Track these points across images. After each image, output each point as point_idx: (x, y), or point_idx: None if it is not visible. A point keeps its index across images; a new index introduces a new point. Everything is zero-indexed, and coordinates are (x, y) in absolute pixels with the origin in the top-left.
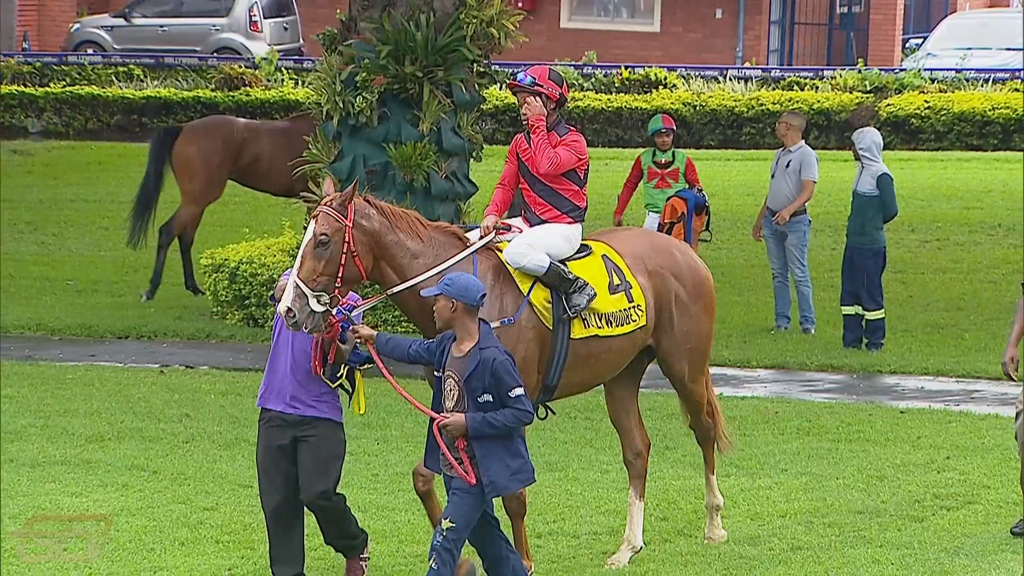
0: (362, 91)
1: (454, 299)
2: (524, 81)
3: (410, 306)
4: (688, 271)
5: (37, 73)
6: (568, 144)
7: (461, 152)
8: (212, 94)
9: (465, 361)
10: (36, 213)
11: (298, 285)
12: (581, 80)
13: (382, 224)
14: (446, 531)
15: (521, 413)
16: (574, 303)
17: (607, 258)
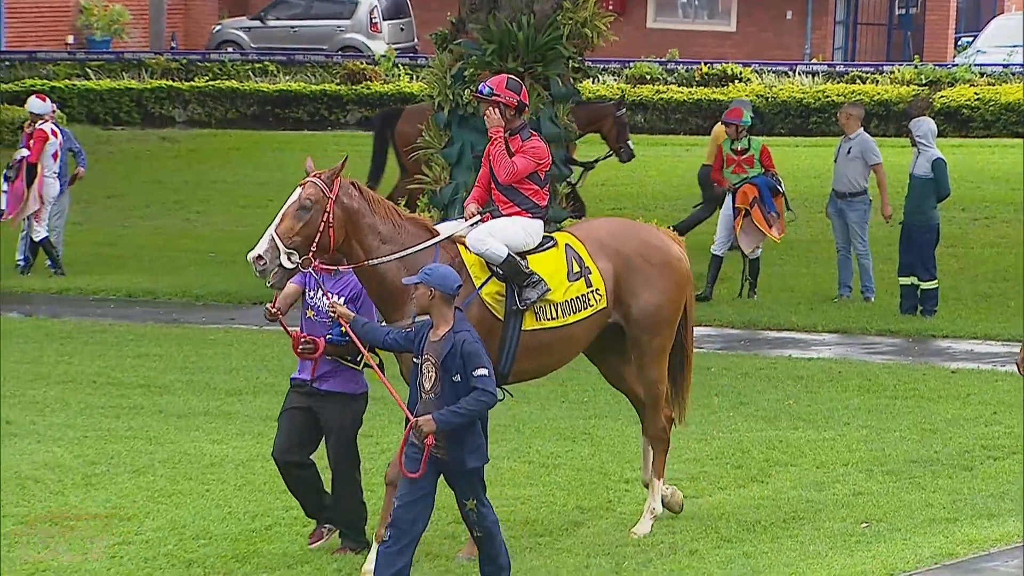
0: (470, 85)
1: (432, 288)
2: (483, 91)
3: (372, 285)
4: (653, 250)
5: (183, 69)
6: (526, 151)
7: (558, 139)
8: (337, 88)
9: (440, 344)
10: (182, 193)
11: (273, 239)
12: (665, 75)
13: (361, 205)
14: (474, 508)
15: (484, 394)
16: (525, 296)
17: (569, 247)
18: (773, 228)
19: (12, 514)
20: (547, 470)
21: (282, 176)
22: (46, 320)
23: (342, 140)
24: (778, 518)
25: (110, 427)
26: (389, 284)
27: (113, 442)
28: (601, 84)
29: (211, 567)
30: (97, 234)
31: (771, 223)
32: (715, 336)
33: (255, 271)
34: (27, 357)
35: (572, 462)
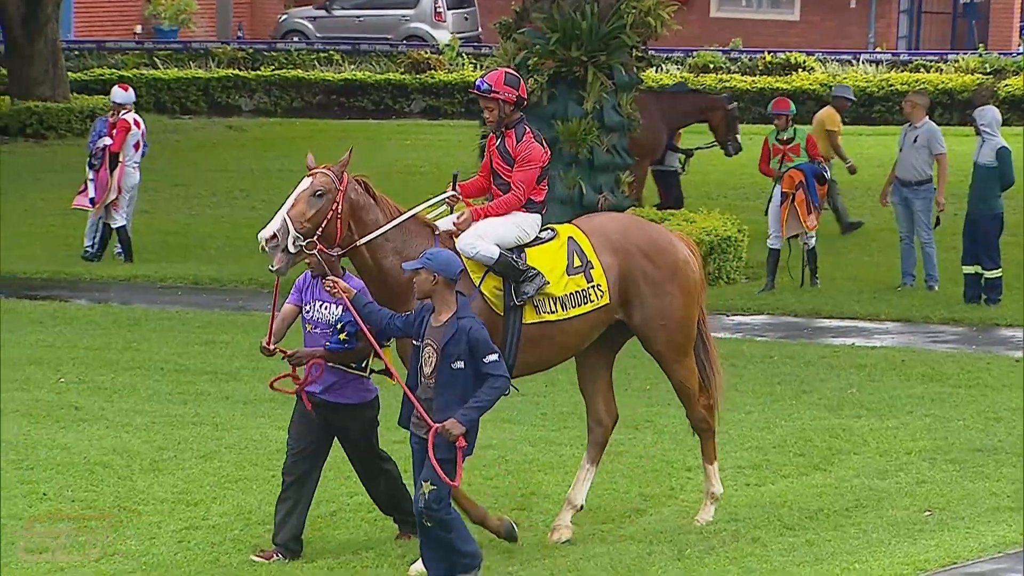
0: (533, 73)
1: (435, 272)
2: (482, 87)
3: (370, 271)
4: (660, 251)
5: (250, 58)
6: (521, 163)
7: (621, 128)
8: (401, 77)
9: (443, 329)
10: (248, 181)
11: (286, 220)
12: (728, 63)
13: (366, 202)
14: (428, 494)
15: (497, 380)
16: (523, 291)
17: (572, 240)
18: (811, 216)
19: (81, 499)
20: (609, 457)
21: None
22: (115, 307)
23: (406, 129)
24: (841, 506)
25: (177, 413)
26: (392, 283)
27: (180, 428)
28: (664, 73)
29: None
30: (164, 222)
31: (810, 210)
32: (777, 324)
33: (265, 250)
34: (96, 344)
35: (634, 449)
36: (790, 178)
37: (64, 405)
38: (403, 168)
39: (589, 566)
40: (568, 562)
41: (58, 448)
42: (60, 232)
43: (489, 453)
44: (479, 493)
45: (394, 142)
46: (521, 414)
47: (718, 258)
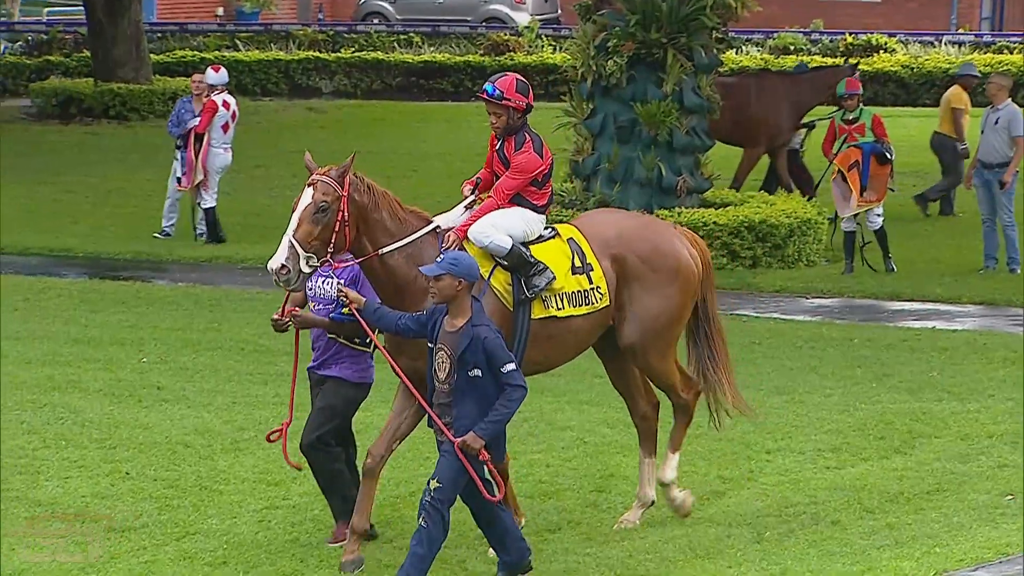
0: (613, 56)
1: (460, 278)
2: (493, 93)
3: (380, 281)
4: (660, 256)
5: (330, 40)
6: (514, 168)
7: (700, 110)
8: (481, 59)
9: (458, 336)
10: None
11: (293, 244)
12: (809, 45)
13: (370, 200)
14: (434, 491)
15: (516, 390)
16: (533, 284)
17: (573, 241)
18: (866, 195)
19: (163, 478)
20: (688, 440)
21: (426, 147)
22: (196, 288)
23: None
24: (921, 489)
25: (258, 393)
26: (398, 279)
27: (261, 408)
28: (744, 55)
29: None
30: (244, 204)
31: (863, 190)
32: (857, 307)
33: (277, 281)
34: (178, 324)
35: (713, 432)
36: (845, 156)
37: (146, 385)
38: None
39: (667, 548)
40: (647, 544)
41: (140, 427)
42: (143, 213)
43: (567, 435)
44: (558, 474)
45: (473, 124)
46: (600, 396)
47: (798, 240)
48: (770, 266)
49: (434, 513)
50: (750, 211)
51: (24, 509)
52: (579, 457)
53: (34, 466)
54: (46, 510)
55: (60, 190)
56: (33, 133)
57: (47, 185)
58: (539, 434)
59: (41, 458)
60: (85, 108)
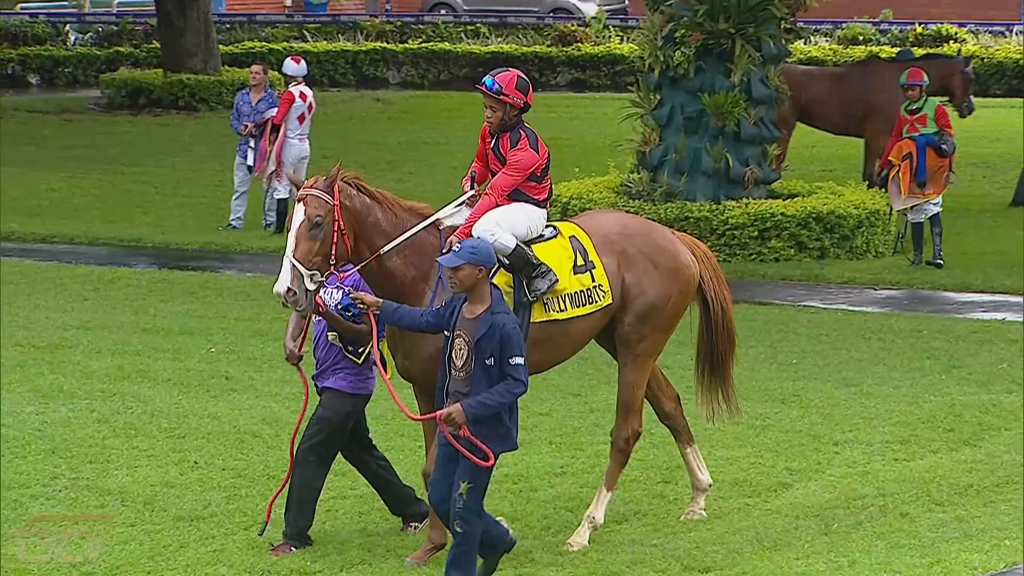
0: (680, 46)
1: (481, 266)
2: (492, 87)
3: (378, 283)
4: (661, 253)
5: (397, 31)
6: (507, 169)
7: (768, 101)
8: (548, 49)
9: (477, 323)
10: (395, 154)
11: (295, 265)
12: (878, 35)
13: (363, 205)
14: (464, 494)
15: (516, 384)
16: (535, 287)
17: (575, 239)
18: (928, 186)
19: (231, 467)
20: (756, 431)
21: None
22: (264, 278)
23: (553, 101)
24: (991, 482)
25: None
26: (397, 281)
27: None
28: (813, 45)
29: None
30: None
31: (913, 182)
32: (926, 299)
33: (285, 304)
34: (246, 314)
35: (781, 424)
36: (898, 148)
37: (215, 375)
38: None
39: (735, 539)
40: (713, 535)
41: (209, 417)
42: (211, 203)
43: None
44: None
45: (540, 115)
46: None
47: (866, 231)
48: (838, 257)
49: (469, 515)
50: (818, 202)
51: (94, 498)
52: (645, 448)
53: (104, 455)
54: (116, 499)
55: (129, 180)
56: (103, 124)
57: (117, 176)
58: (605, 425)
59: (111, 447)
60: (154, 99)
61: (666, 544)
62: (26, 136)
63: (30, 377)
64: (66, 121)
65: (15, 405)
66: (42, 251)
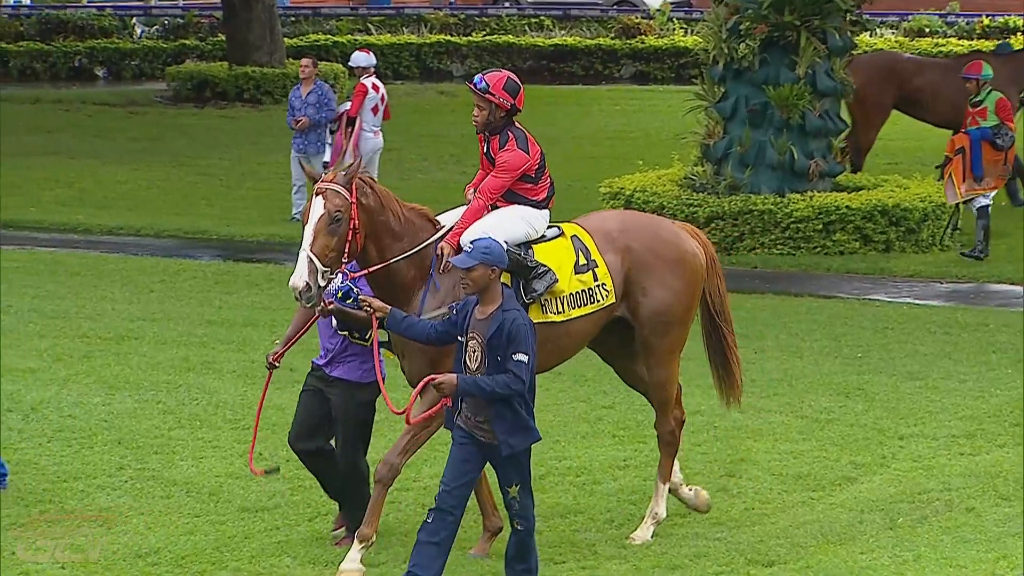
0: (745, 38)
1: (493, 266)
2: (479, 85)
3: (381, 284)
4: (664, 245)
5: (461, 24)
6: (497, 168)
7: (834, 93)
8: (611, 42)
9: (488, 323)
10: (458, 147)
11: (312, 260)
12: (944, 27)
13: (376, 203)
14: (516, 496)
15: (516, 381)
16: (532, 289)
17: (576, 238)
18: (966, 183)
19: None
20: (820, 425)
21: (556, 131)
22: None
23: (616, 94)
24: None
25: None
26: (398, 283)
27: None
28: (878, 37)
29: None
30: None
31: (966, 177)
32: (992, 293)
33: (300, 299)
34: None
35: (845, 417)
36: (952, 143)
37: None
38: (612, 134)
39: (799, 533)
40: (777, 529)
41: (273, 408)
42: (276, 195)
43: (698, 419)
44: (688, 459)
45: (603, 108)
46: None
47: (932, 225)
48: (903, 250)
49: (524, 512)
50: (883, 195)
51: (160, 488)
52: (709, 442)
53: (169, 446)
54: (181, 489)
55: (195, 173)
56: (169, 116)
57: (182, 168)
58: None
59: (176, 438)
60: (219, 92)
61: (729, 538)
62: (93, 129)
63: (96, 368)
64: (132, 114)
65: (82, 396)
66: (109, 243)
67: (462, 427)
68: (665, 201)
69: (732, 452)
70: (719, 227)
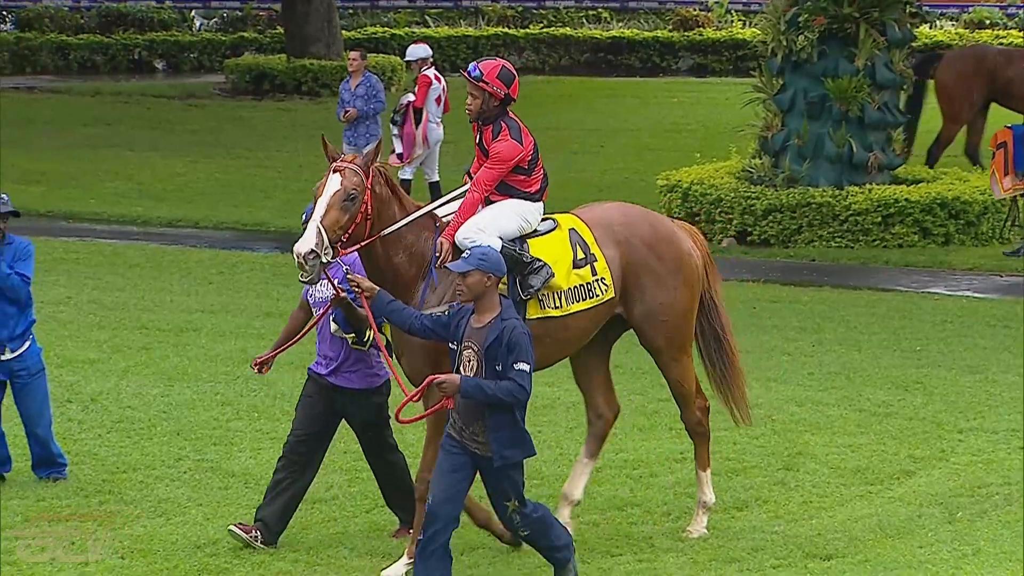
0: (804, 30)
1: (490, 273)
2: (473, 73)
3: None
4: (663, 243)
5: (519, 16)
6: (489, 163)
7: (893, 85)
8: (669, 34)
9: (485, 332)
10: None
11: (321, 231)
12: (1004, 20)
13: (387, 195)
14: (514, 513)
15: (517, 388)
16: (529, 284)
17: (574, 231)
18: (1007, 178)
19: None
20: (878, 418)
21: (613, 123)
22: None
23: (674, 87)
24: None
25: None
26: (400, 279)
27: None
28: (938, 30)
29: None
30: None
31: (1007, 171)
32: None
33: (302, 267)
34: None
35: (904, 411)
36: (995, 137)
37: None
38: (670, 127)
39: (857, 527)
40: (836, 523)
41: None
42: None
43: (755, 412)
44: (745, 453)
45: (661, 100)
46: (788, 373)
47: (991, 218)
48: (963, 243)
49: (534, 524)
50: (943, 188)
51: (218, 479)
52: (767, 435)
53: (228, 437)
54: (239, 480)
55: (253, 165)
56: (227, 109)
57: (240, 160)
58: (725, 413)
59: (235, 429)
60: (278, 84)
61: (787, 531)
62: (151, 121)
63: (155, 360)
64: (191, 106)
65: (141, 387)
66: (167, 235)
67: (453, 436)
68: (723, 194)
69: (790, 446)
70: (777, 220)
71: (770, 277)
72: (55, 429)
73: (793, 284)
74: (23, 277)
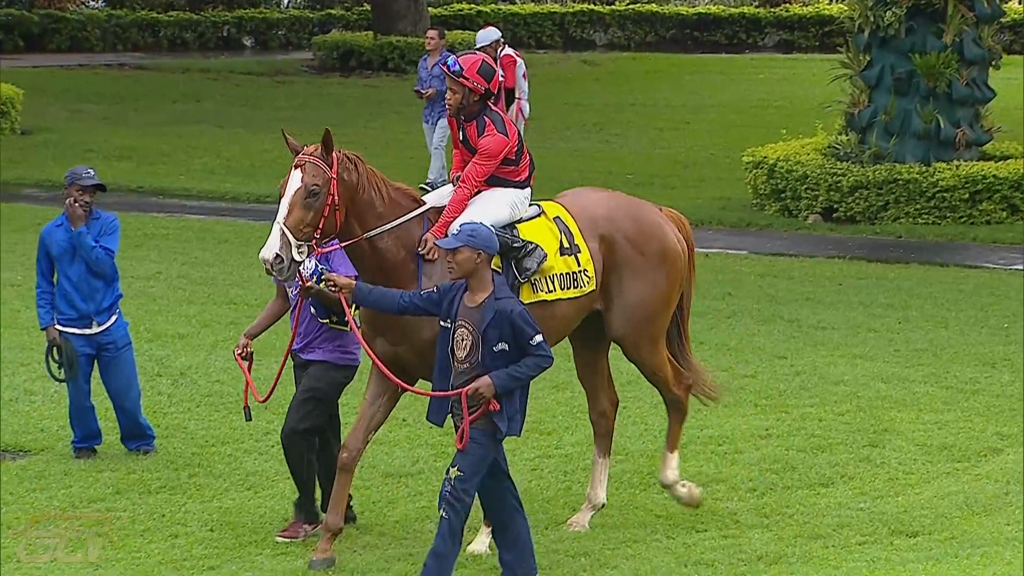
0: (891, 6)
1: (480, 250)
2: (452, 68)
3: (368, 264)
4: (648, 238)
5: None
6: (478, 158)
7: (981, 61)
8: (755, 10)
9: (480, 311)
10: (601, 115)
11: (284, 233)
12: None
13: (359, 180)
14: (454, 480)
15: (544, 359)
16: (525, 267)
17: (559, 220)
18: None
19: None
20: (965, 395)
21: (699, 99)
22: None
23: (759, 63)
24: None
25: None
26: (388, 264)
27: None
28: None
29: (627, 482)
30: None
31: None
32: None
33: (271, 272)
34: None
35: (991, 388)
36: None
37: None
38: (756, 102)
39: (943, 504)
40: (922, 499)
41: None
42: (420, 163)
43: (840, 389)
44: (831, 429)
45: (747, 76)
46: (874, 350)
47: None
48: None
49: (456, 504)
50: None
51: None
52: (852, 412)
53: None
54: None
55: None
56: (315, 85)
57: None
58: (812, 388)
59: None
60: (364, 61)
61: (873, 508)
62: (240, 98)
63: None
64: (278, 83)
65: (229, 361)
66: (255, 211)
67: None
68: (809, 170)
69: (876, 422)
70: (863, 196)
71: (856, 254)
72: (144, 403)
73: (879, 261)
74: (107, 251)
